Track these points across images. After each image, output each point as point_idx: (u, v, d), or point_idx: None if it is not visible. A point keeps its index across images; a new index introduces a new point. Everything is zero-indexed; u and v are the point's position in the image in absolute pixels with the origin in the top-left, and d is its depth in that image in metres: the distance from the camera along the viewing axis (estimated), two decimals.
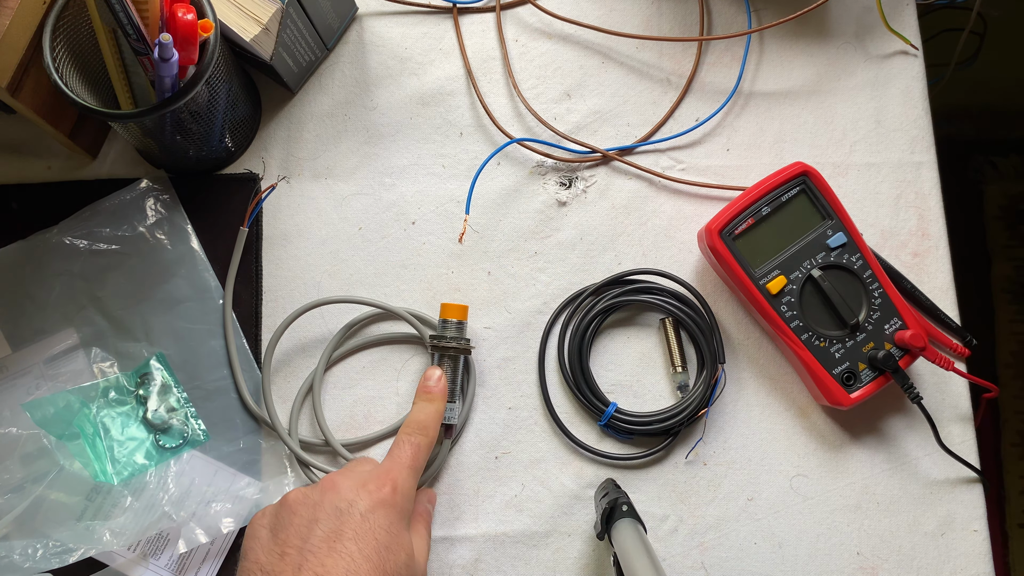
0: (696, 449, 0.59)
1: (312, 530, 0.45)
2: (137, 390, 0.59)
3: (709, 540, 0.58)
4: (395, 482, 0.49)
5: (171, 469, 0.58)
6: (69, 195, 0.63)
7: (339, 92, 0.65)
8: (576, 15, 0.65)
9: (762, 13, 0.65)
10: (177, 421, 0.59)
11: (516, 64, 0.65)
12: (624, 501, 0.52)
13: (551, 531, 0.58)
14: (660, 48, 0.65)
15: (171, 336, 0.60)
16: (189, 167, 0.63)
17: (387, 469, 0.50)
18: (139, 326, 0.60)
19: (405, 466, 0.51)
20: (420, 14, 0.66)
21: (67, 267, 0.61)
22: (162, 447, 0.59)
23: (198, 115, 0.56)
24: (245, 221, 0.62)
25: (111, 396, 0.59)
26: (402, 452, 0.52)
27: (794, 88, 0.64)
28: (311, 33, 0.61)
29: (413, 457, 0.52)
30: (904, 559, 0.57)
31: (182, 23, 0.51)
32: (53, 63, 0.52)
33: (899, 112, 0.64)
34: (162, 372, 0.60)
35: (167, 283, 0.61)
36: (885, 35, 0.64)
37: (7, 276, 0.61)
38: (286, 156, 0.64)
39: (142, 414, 0.59)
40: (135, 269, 0.61)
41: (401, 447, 0.52)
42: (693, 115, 0.64)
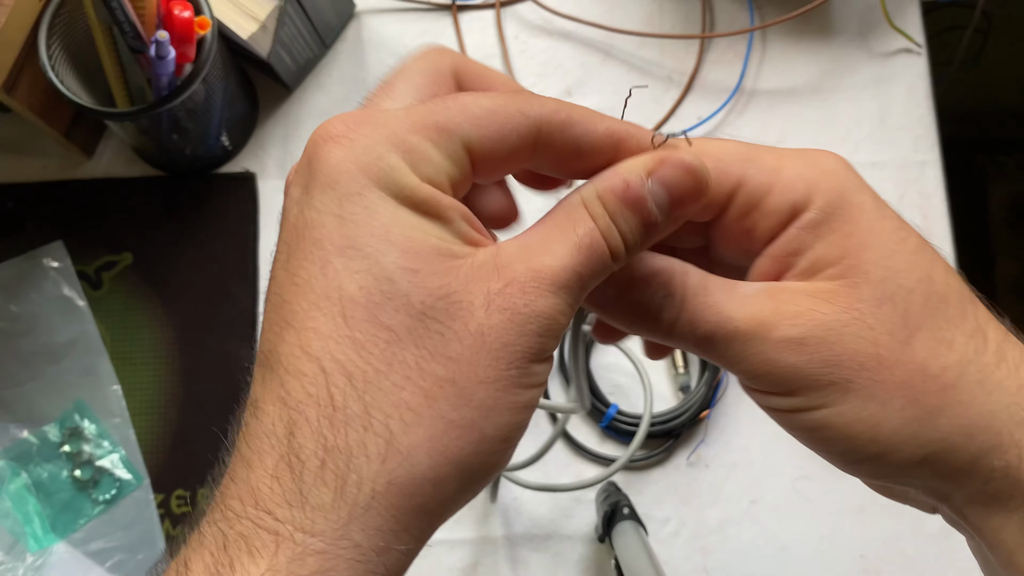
0: (698, 451, 0.58)
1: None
2: (63, 444, 0.58)
3: (711, 543, 0.57)
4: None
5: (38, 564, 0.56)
6: (65, 194, 0.62)
7: (337, 90, 0.64)
8: (577, 12, 0.65)
9: (765, 10, 0.65)
10: (107, 469, 0.58)
11: (516, 62, 0.65)
12: (625, 504, 0.51)
13: (551, 534, 0.58)
14: (662, 45, 0.65)
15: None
16: (185, 166, 0.62)
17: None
18: (23, 408, 0.58)
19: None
20: (419, 11, 0.66)
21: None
22: (96, 501, 0.57)
23: (195, 113, 0.56)
24: None
25: (36, 456, 0.58)
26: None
27: (797, 86, 0.64)
28: (309, 31, 0.61)
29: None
30: (908, 562, 0.57)
31: (179, 21, 0.50)
32: (49, 61, 0.52)
33: (903, 111, 0.63)
34: (86, 422, 0.58)
35: (57, 364, 0.59)
36: (889, 33, 0.64)
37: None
38: (284, 155, 0.63)
39: (68, 473, 0.58)
40: (22, 350, 0.59)
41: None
42: (695, 113, 0.64)
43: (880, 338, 0.24)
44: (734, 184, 0.26)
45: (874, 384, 0.24)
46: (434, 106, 0.24)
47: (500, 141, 0.24)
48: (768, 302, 0.25)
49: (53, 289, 0.61)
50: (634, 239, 0.24)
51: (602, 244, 0.23)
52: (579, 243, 0.23)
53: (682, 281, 0.25)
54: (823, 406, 0.24)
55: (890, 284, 0.25)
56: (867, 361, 0.24)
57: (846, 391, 0.24)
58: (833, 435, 0.24)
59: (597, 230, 0.23)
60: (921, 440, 0.24)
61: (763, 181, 0.25)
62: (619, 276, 0.25)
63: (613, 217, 0.24)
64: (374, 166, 0.22)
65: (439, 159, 0.23)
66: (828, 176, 0.25)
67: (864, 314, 0.24)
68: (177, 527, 0.58)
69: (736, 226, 0.26)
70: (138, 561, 0.56)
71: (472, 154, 0.23)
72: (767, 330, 0.24)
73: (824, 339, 0.24)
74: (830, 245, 0.25)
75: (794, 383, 0.24)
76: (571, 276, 0.23)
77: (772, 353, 0.24)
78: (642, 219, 0.24)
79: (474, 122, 0.23)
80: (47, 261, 0.61)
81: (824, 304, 0.24)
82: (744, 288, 0.25)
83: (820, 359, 0.24)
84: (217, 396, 0.60)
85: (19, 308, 0.60)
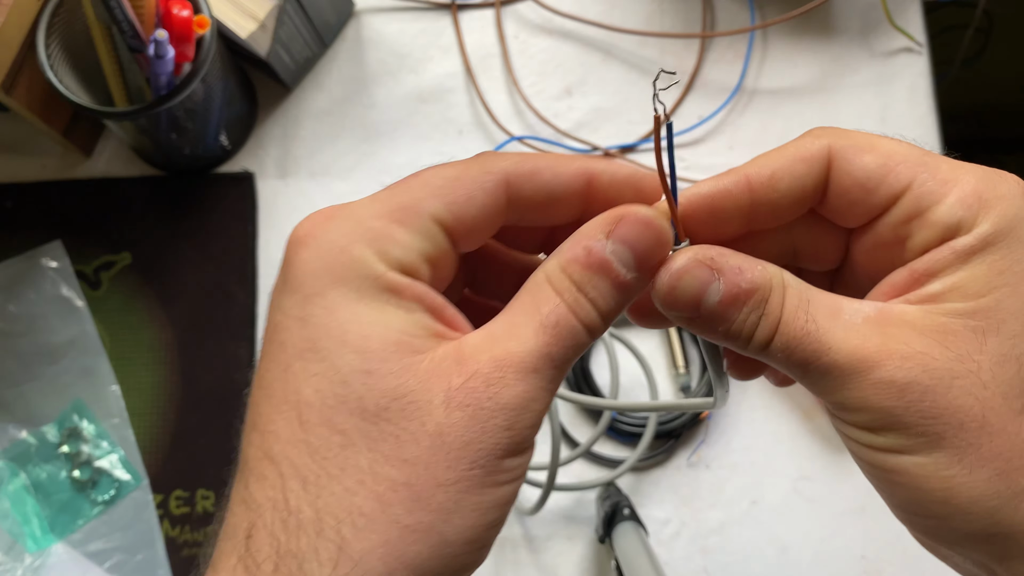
0: (699, 452, 0.58)
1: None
2: (62, 445, 0.58)
3: (712, 544, 0.57)
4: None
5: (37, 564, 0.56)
6: (64, 194, 0.62)
7: (337, 89, 0.64)
8: (577, 11, 0.65)
9: (766, 9, 0.65)
10: (106, 470, 0.58)
11: (516, 61, 0.65)
12: (625, 504, 0.51)
13: (552, 535, 0.57)
14: (662, 45, 0.65)
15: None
16: (184, 165, 0.62)
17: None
18: (22, 408, 0.58)
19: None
20: (419, 10, 0.66)
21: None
22: (95, 501, 0.57)
23: (193, 113, 0.55)
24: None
25: (35, 456, 0.58)
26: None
27: (798, 85, 0.64)
28: (308, 30, 0.60)
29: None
30: (909, 562, 0.56)
31: (178, 20, 0.50)
32: (47, 60, 0.51)
33: (904, 110, 0.63)
34: (85, 422, 0.58)
35: (56, 364, 0.59)
36: (890, 32, 0.63)
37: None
38: (283, 154, 0.63)
39: (67, 473, 0.57)
40: (20, 350, 0.59)
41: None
42: (696, 112, 0.63)
43: (992, 400, 0.22)
44: (904, 186, 0.23)
45: (968, 447, 0.22)
46: (397, 187, 0.24)
47: (469, 204, 0.23)
48: (875, 336, 0.22)
49: (52, 289, 0.61)
50: (608, 304, 0.23)
51: (570, 319, 0.22)
52: (544, 323, 0.22)
53: (780, 298, 0.23)
54: (907, 452, 0.22)
55: (1023, 343, 0.22)
56: (969, 422, 0.22)
57: (935, 446, 0.22)
58: (906, 482, 0.22)
59: (563, 305, 0.22)
60: (996, 518, 0.22)
61: (934, 189, 0.23)
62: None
63: (581, 287, 0.23)
64: (337, 262, 0.22)
65: (408, 239, 0.23)
66: (1004, 202, 0.23)
67: (982, 369, 0.22)
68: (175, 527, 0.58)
69: (891, 233, 0.24)
70: (137, 562, 0.56)
71: (445, 225, 0.23)
72: (868, 368, 0.22)
73: (930, 389, 0.22)
74: (974, 277, 0.22)
75: (884, 424, 0.22)
76: (540, 359, 0.22)
77: (869, 392, 0.22)
78: (612, 282, 0.23)
79: (438, 193, 0.23)
80: (45, 261, 0.61)
81: (938, 348, 0.22)
82: (851, 313, 0.23)
83: (920, 409, 0.22)
84: (216, 396, 0.60)
85: (17, 308, 0.60)
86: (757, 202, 0.25)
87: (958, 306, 0.22)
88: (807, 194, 0.24)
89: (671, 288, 0.23)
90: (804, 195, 0.24)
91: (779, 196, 0.24)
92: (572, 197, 0.25)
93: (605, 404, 0.55)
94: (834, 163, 0.24)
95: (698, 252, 0.23)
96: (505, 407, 0.21)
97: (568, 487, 0.56)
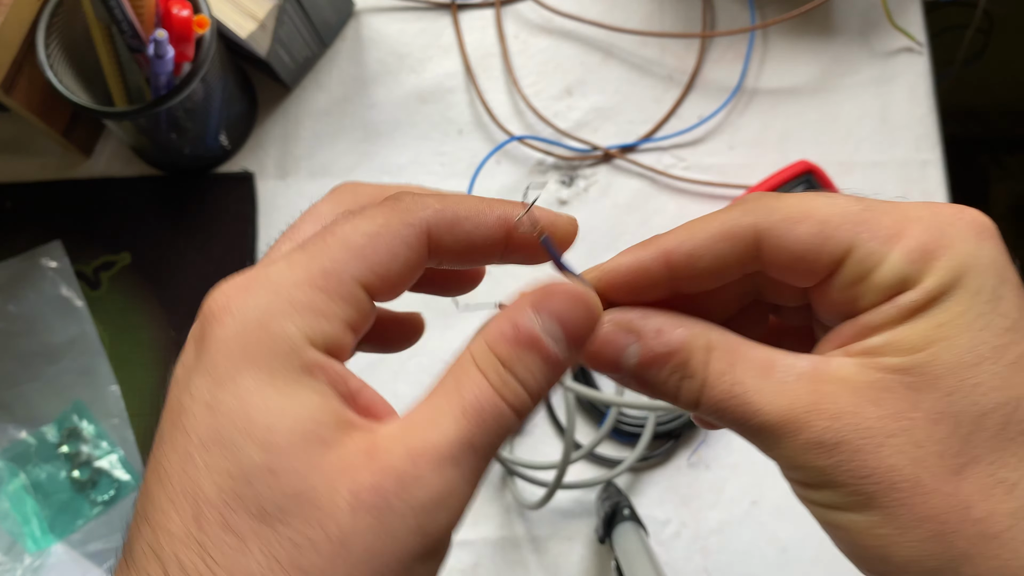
0: (699, 452, 0.58)
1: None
2: (61, 445, 0.58)
3: (712, 544, 0.57)
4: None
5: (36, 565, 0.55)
6: (63, 194, 0.62)
7: (336, 89, 0.64)
8: (577, 11, 0.64)
9: (766, 9, 0.65)
10: (106, 470, 0.58)
11: (516, 60, 0.65)
12: (626, 505, 0.51)
13: (551, 535, 0.57)
14: (662, 44, 0.65)
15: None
16: (184, 165, 0.62)
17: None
18: (21, 408, 0.58)
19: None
20: (419, 10, 0.66)
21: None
22: (95, 501, 0.57)
23: (193, 113, 0.55)
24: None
25: (34, 456, 0.58)
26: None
27: (798, 85, 0.64)
28: (308, 29, 0.60)
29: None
30: None
31: (177, 20, 0.50)
32: (47, 60, 0.51)
33: (905, 110, 0.63)
34: (84, 422, 0.58)
35: (55, 365, 0.59)
36: (890, 32, 0.63)
37: None
38: (283, 154, 0.63)
39: (67, 474, 0.57)
40: (20, 350, 0.59)
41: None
42: (696, 112, 0.63)
43: (926, 459, 0.21)
44: (844, 251, 0.22)
45: (901, 507, 0.21)
46: (315, 249, 0.22)
47: (393, 261, 0.22)
48: (806, 395, 0.22)
49: (51, 289, 0.60)
50: (538, 383, 0.22)
51: (495, 401, 0.21)
52: (466, 408, 0.21)
53: (703, 361, 0.23)
54: (843, 508, 0.22)
55: (959, 400, 0.21)
56: (901, 482, 0.21)
57: (867, 505, 0.21)
58: (847, 539, 0.22)
59: (489, 387, 0.21)
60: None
61: (875, 250, 0.22)
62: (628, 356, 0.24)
63: (509, 365, 0.21)
64: (255, 340, 0.20)
65: (332, 309, 0.21)
66: (951, 250, 0.21)
67: (915, 427, 0.21)
68: None
69: (839, 295, 0.23)
70: None
71: (369, 286, 0.22)
72: (798, 429, 0.22)
73: (860, 449, 0.21)
74: (913, 332, 0.21)
75: (818, 482, 0.22)
76: (460, 448, 0.20)
77: (799, 451, 0.22)
78: (542, 358, 0.22)
79: (361, 254, 0.22)
80: (45, 261, 0.61)
81: (871, 407, 0.21)
82: (784, 370, 0.22)
83: (849, 468, 0.21)
84: None
85: (17, 308, 0.60)
86: (677, 278, 0.24)
87: (893, 361, 0.21)
88: (731, 271, 0.24)
89: (590, 350, 0.23)
90: (727, 271, 0.24)
91: (698, 273, 0.24)
92: (493, 246, 0.24)
93: (609, 399, 0.55)
94: (765, 241, 0.23)
95: (616, 316, 0.23)
96: (421, 507, 0.20)
97: (569, 485, 0.56)
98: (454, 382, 0.22)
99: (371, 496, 0.19)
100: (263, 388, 0.20)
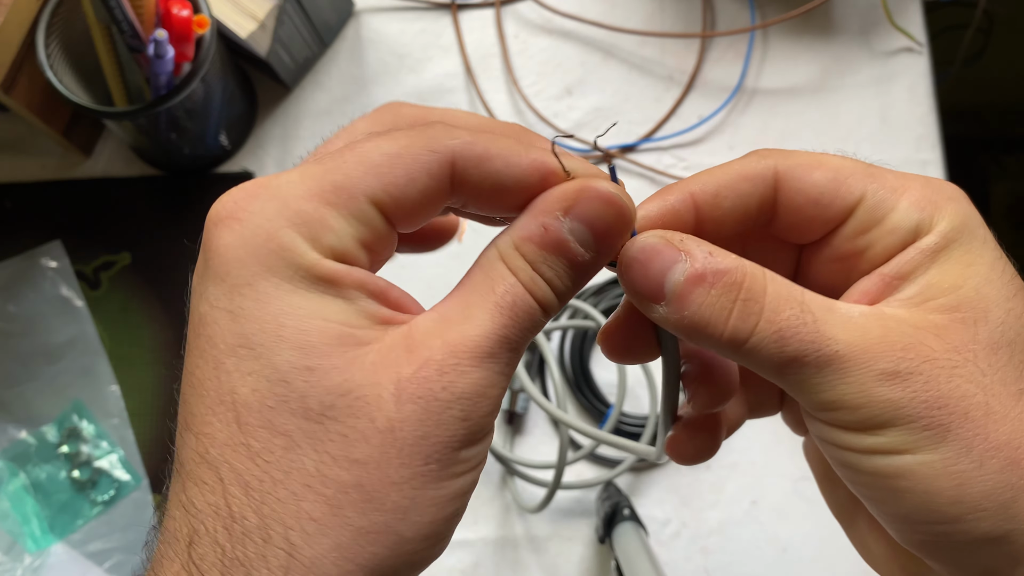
0: None
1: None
2: (61, 445, 0.58)
3: (712, 544, 0.57)
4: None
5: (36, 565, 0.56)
6: (63, 194, 0.62)
7: (336, 89, 0.64)
8: (577, 11, 0.64)
9: (766, 9, 0.65)
10: (106, 470, 0.57)
11: (516, 60, 0.65)
12: (626, 505, 0.51)
13: (551, 535, 0.57)
14: (662, 44, 0.65)
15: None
16: (184, 165, 0.62)
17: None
18: (21, 408, 0.58)
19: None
20: (419, 10, 0.66)
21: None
22: (95, 501, 0.57)
23: (193, 112, 0.55)
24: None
25: (34, 456, 0.58)
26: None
27: (798, 85, 0.64)
28: (308, 29, 0.60)
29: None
30: None
31: (177, 20, 0.50)
32: (47, 60, 0.51)
33: (905, 110, 0.63)
34: (84, 422, 0.58)
35: (55, 364, 0.59)
36: (890, 32, 0.63)
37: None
38: (283, 154, 0.63)
39: (67, 474, 0.57)
40: (20, 350, 0.59)
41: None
42: (696, 112, 0.63)
43: (992, 386, 0.21)
44: (857, 198, 0.23)
45: (975, 437, 0.20)
46: (331, 163, 0.21)
47: (410, 185, 0.21)
48: (875, 328, 0.21)
49: (51, 289, 0.60)
50: (564, 284, 0.22)
51: (527, 299, 0.21)
52: (499, 303, 0.21)
53: (760, 285, 0.22)
54: (910, 451, 0.21)
55: (1009, 330, 0.22)
56: (974, 410, 0.20)
57: (942, 439, 0.20)
58: (912, 486, 0.21)
59: (519, 285, 0.21)
60: (1011, 512, 0.20)
61: (887, 197, 0.23)
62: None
63: (536, 266, 0.21)
64: (265, 248, 0.20)
65: (341, 225, 0.21)
66: (953, 203, 0.23)
67: (978, 357, 0.21)
68: None
69: (848, 245, 0.24)
70: (136, 562, 0.56)
71: (382, 207, 0.21)
72: (872, 359, 0.21)
73: (933, 378, 0.21)
74: (946, 273, 0.22)
75: (886, 420, 0.21)
76: (496, 342, 0.21)
77: (871, 384, 0.21)
78: (568, 261, 0.21)
79: (376, 172, 0.21)
80: (45, 261, 0.61)
81: (935, 339, 0.21)
82: (846, 309, 0.22)
83: (924, 399, 0.21)
84: None
85: (17, 308, 0.60)
86: (702, 219, 0.24)
87: (942, 301, 0.22)
88: (751, 213, 0.24)
89: (631, 262, 0.22)
90: (748, 214, 0.24)
91: (723, 214, 0.24)
92: (523, 191, 0.22)
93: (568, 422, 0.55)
94: (783, 183, 0.24)
95: (666, 232, 0.22)
96: (461, 396, 0.20)
97: (569, 486, 0.56)
98: (485, 278, 0.21)
99: (415, 387, 0.20)
100: (284, 294, 0.20)
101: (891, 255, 0.23)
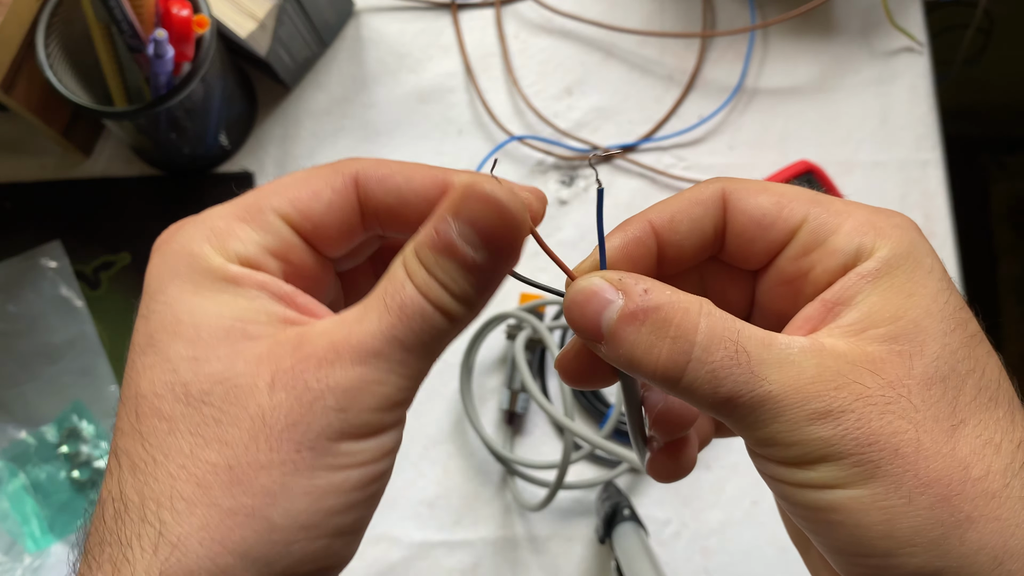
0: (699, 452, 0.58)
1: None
2: (61, 445, 0.58)
3: (712, 544, 0.57)
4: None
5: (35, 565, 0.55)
6: (63, 194, 0.62)
7: (336, 89, 0.64)
8: (577, 10, 0.64)
9: (766, 9, 0.64)
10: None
11: (516, 60, 0.65)
12: (626, 505, 0.51)
13: (552, 536, 0.57)
14: (662, 44, 0.65)
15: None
16: (184, 165, 0.62)
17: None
18: (21, 408, 0.58)
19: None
20: (419, 10, 0.66)
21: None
22: (94, 502, 0.57)
23: (193, 112, 0.55)
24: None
25: (34, 456, 0.58)
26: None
27: (798, 85, 0.64)
28: (308, 29, 0.60)
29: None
30: None
31: (177, 19, 0.50)
32: (47, 60, 0.51)
33: (905, 110, 0.63)
34: (84, 422, 0.58)
35: (55, 365, 0.59)
36: (891, 32, 0.63)
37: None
38: (282, 154, 0.63)
39: (66, 474, 0.57)
40: (20, 350, 0.59)
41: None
42: (696, 112, 0.63)
43: (925, 423, 0.21)
44: (799, 220, 0.24)
45: (905, 473, 0.21)
46: (251, 192, 0.24)
47: (315, 200, 0.24)
48: (811, 367, 0.21)
49: (51, 289, 0.60)
50: (460, 287, 0.22)
51: (418, 301, 0.21)
52: (389, 304, 0.22)
53: (691, 322, 0.22)
54: (841, 486, 0.21)
55: (944, 364, 0.22)
56: (904, 446, 0.21)
57: (871, 475, 0.21)
58: (843, 520, 0.21)
59: (412, 287, 0.22)
60: (943, 549, 0.20)
61: (828, 220, 0.24)
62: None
63: (430, 270, 0.22)
64: (177, 259, 0.23)
65: (248, 234, 0.23)
66: (899, 231, 0.23)
67: (912, 392, 0.21)
68: None
69: (792, 267, 0.24)
70: None
71: (290, 220, 0.24)
72: (804, 399, 0.21)
73: (865, 415, 0.21)
74: (887, 302, 0.22)
75: (818, 457, 0.21)
76: (385, 341, 0.21)
77: (803, 423, 0.21)
78: (460, 264, 0.22)
79: (282, 191, 0.24)
80: (45, 261, 0.61)
81: (869, 376, 0.21)
82: (785, 344, 0.22)
83: (855, 436, 0.21)
84: None
85: (17, 308, 0.60)
86: (664, 244, 0.25)
87: (881, 331, 0.22)
88: (707, 237, 0.25)
89: (571, 304, 0.23)
90: (705, 237, 0.25)
91: (681, 238, 0.25)
92: (426, 205, 0.24)
93: (569, 426, 0.55)
94: (729, 204, 0.25)
95: (607, 273, 0.23)
96: (336, 389, 0.21)
97: (570, 486, 0.56)
98: (386, 284, 0.22)
99: (288, 377, 0.21)
100: (187, 296, 0.22)
101: (833, 279, 0.23)
